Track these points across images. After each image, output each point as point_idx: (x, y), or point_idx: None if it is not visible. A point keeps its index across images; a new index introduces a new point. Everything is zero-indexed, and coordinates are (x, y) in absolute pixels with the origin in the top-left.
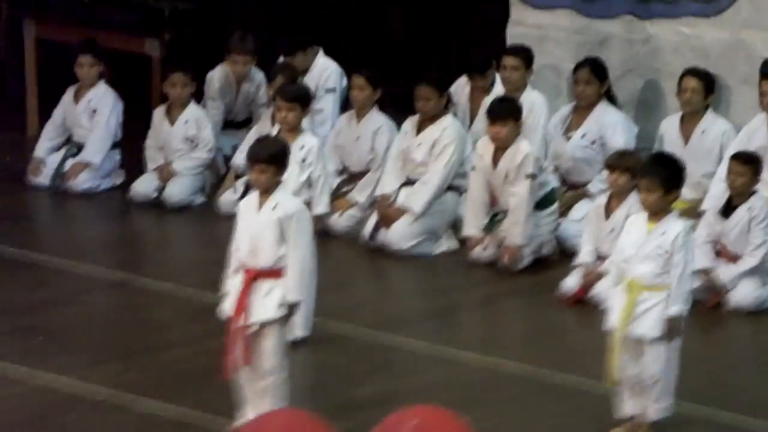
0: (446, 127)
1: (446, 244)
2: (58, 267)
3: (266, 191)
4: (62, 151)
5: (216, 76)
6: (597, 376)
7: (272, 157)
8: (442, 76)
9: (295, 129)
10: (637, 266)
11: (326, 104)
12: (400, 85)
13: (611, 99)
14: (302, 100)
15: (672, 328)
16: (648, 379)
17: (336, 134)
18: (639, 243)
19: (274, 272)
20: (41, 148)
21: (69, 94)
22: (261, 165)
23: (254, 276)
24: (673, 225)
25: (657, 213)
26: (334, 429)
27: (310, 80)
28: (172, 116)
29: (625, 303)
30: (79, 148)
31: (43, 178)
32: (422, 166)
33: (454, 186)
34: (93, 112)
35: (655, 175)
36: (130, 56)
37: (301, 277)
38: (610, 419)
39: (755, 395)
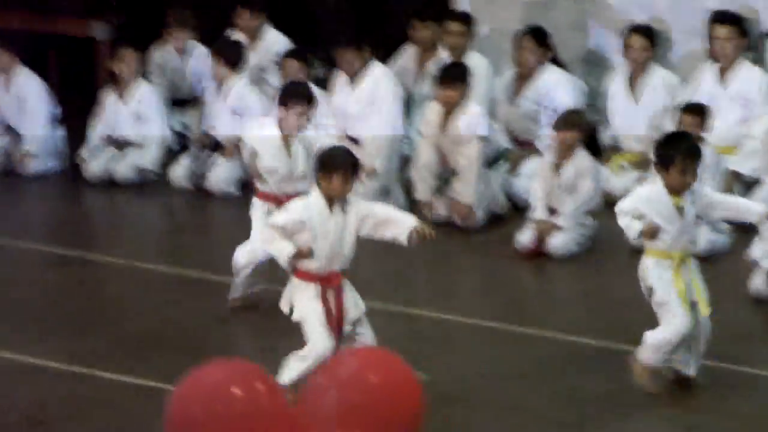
0: None
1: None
2: (7, 247)
3: (341, 196)
4: (6, 139)
5: (157, 53)
6: (553, 327)
7: (353, 165)
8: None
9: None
10: None
11: (274, 79)
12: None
13: (556, 61)
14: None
15: None
16: None
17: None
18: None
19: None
20: None
21: None
22: (345, 172)
23: (340, 280)
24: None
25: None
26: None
27: (258, 54)
28: (121, 94)
29: None
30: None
31: None
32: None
33: None
34: (21, 99)
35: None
36: (73, 39)
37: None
38: (566, 368)
39: None
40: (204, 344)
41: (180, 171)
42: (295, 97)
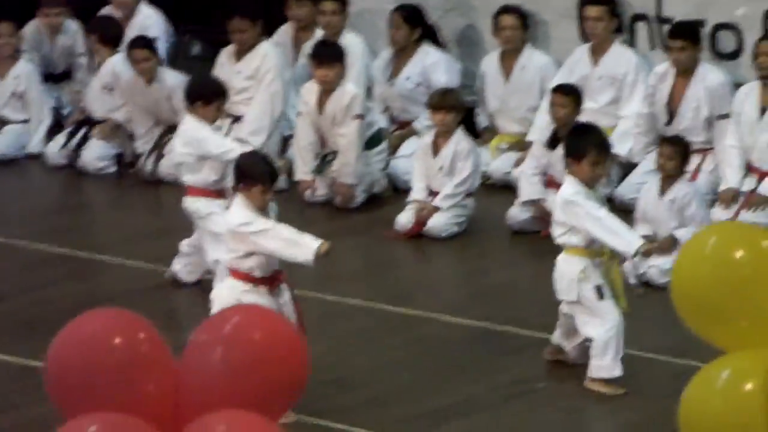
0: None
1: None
2: None
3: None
4: None
5: (29, 29)
6: (435, 308)
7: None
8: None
9: None
10: None
11: None
12: None
13: (434, 39)
14: None
15: None
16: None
17: None
18: None
19: None
20: None
21: None
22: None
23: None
24: None
25: None
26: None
27: (132, 30)
28: None
29: None
30: None
31: None
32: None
33: None
34: None
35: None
36: None
37: None
38: (450, 350)
39: None
40: None
41: (55, 148)
42: (212, 94)
